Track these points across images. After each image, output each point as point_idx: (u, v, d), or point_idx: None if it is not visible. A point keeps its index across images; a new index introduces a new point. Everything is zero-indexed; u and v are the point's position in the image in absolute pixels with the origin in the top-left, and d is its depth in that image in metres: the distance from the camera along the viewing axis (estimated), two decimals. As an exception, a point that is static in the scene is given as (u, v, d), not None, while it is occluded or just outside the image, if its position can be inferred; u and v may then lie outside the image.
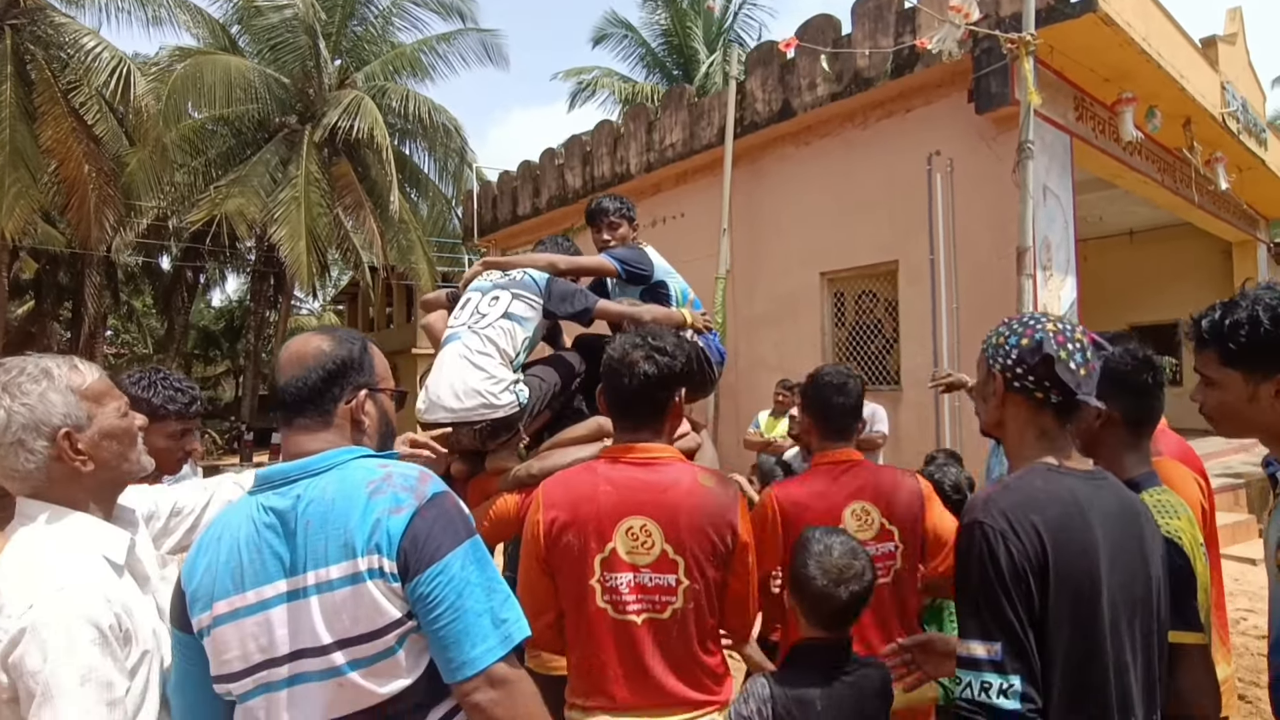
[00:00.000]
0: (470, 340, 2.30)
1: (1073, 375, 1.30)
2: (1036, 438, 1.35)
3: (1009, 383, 1.35)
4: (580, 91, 17.50)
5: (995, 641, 1.19)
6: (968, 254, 6.76)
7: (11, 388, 1.27)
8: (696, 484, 1.70)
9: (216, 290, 27.35)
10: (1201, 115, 7.96)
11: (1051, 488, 1.27)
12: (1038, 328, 1.34)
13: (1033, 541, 1.21)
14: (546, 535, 1.68)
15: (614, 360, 1.74)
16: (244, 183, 13.98)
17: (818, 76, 7.60)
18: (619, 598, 1.64)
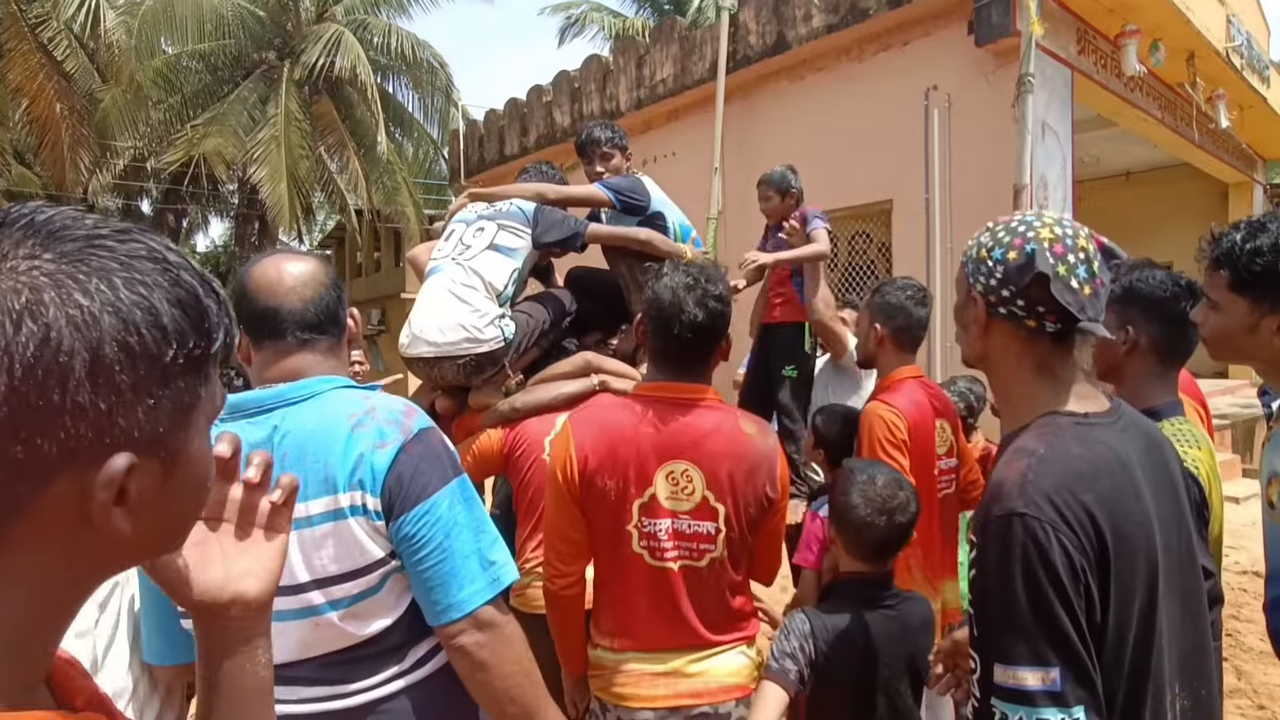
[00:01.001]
0: (454, 273, 2.23)
1: (1074, 296, 1.02)
2: (1034, 373, 1.09)
3: (992, 307, 1.08)
4: (569, 27, 16.96)
5: (1052, 667, 0.93)
6: (963, 193, 6.64)
7: None
8: (739, 430, 1.64)
9: (200, 234, 26.85)
10: (1205, 50, 7.76)
11: (1093, 451, 1.01)
12: (1029, 236, 1.05)
13: (1087, 530, 0.95)
14: (581, 475, 1.60)
15: (664, 300, 1.60)
16: (221, 121, 13.55)
17: (813, 7, 7.33)
18: (657, 544, 1.59)
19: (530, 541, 2.22)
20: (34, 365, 0.42)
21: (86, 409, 0.45)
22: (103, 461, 0.46)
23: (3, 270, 0.44)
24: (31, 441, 0.43)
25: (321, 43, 13.41)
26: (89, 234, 0.47)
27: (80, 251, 0.46)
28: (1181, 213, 12.04)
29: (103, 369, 0.45)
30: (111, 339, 0.45)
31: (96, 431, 0.46)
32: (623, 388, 2.36)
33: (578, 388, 2.32)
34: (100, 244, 0.47)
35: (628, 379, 2.40)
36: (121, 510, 0.48)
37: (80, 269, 0.45)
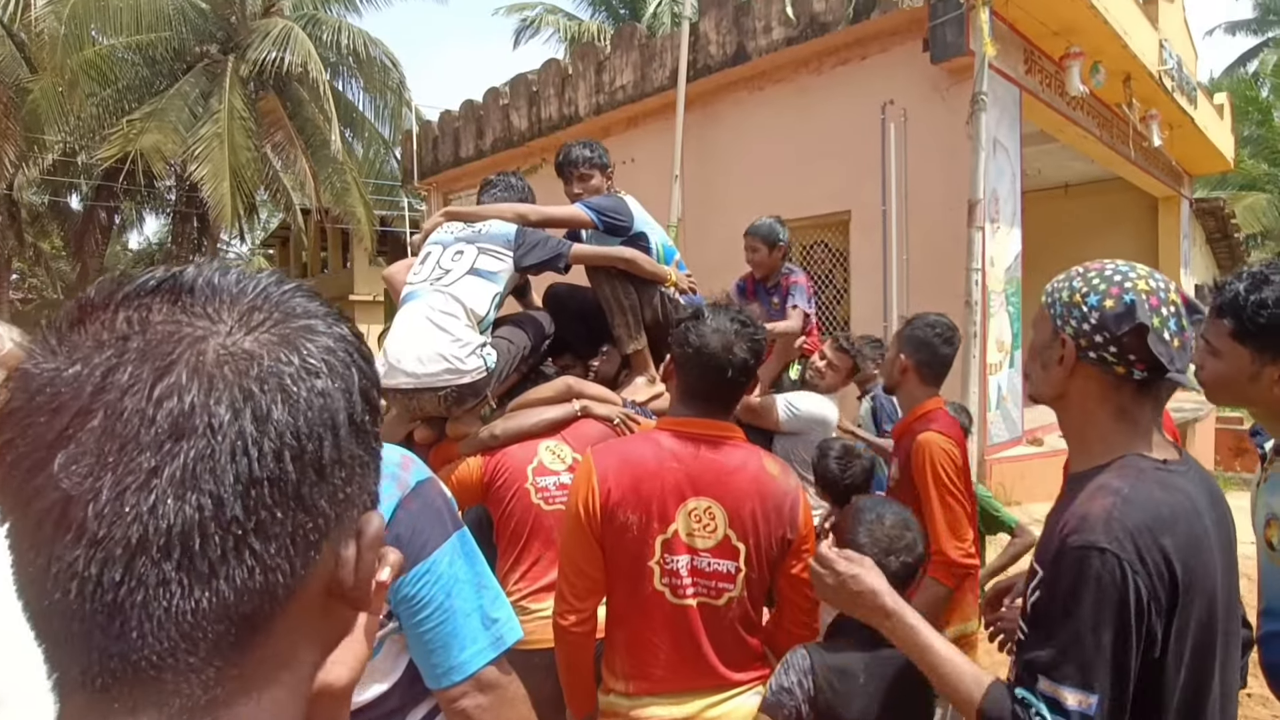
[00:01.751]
0: (434, 299, 2.15)
1: (1166, 349, 1.05)
2: (1114, 417, 1.11)
3: (1083, 351, 1.10)
4: (524, 29, 16.80)
5: (1093, 694, 0.97)
6: (919, 205, 6.80)
7: None
8: (763, 470, 1.63)
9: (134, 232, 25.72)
10: (1140, 72, 8.12)
11: (1173, 497, 1.05)
12: (1126, 286, 1.08)
13: (1162, 574, 0.99)
14: (603, 509, 1.57)
15: (712, 347, 1.59)
16: (160, 117, 12.99)
17: (773, 19, 7.42)
18: (678, 581, 1.57)
19: (513, 573, 2.17)
20: (316, 424, 0.40)
21: (353, 466, 0.43)
22: (361, 522, 0.44)
23: (256, 332, 0.40)
24: (315, 506, 0.40)
25: (270, 38, 12.99)
26: (279, 290, 0.44)
27: (290, 309, 0.43)
28: (1115, 223, 12.58)
29: (359, 419, 0.43)
30: (360, 387, 0.43)
31: (359, 489, 0.43)
32: (604, 413, 2.34)
33: (559, 413, 2.29)
34: (289, 297, 0.44)
35: (609, 404, 2.38)
36: (369, 576, 0.45)
37: (305, 321, 0.43)
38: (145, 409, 0.36)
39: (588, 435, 2.25)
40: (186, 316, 0.39)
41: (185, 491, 0.36)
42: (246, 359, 0.39)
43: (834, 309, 7.74)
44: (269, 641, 0.40)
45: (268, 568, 0.38)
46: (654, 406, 2.47)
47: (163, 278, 0.41)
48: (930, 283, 6.66)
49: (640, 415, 2.38)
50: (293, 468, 0.39)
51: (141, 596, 0.36)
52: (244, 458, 0.37)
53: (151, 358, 0.37)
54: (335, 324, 0.44)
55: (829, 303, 7.77)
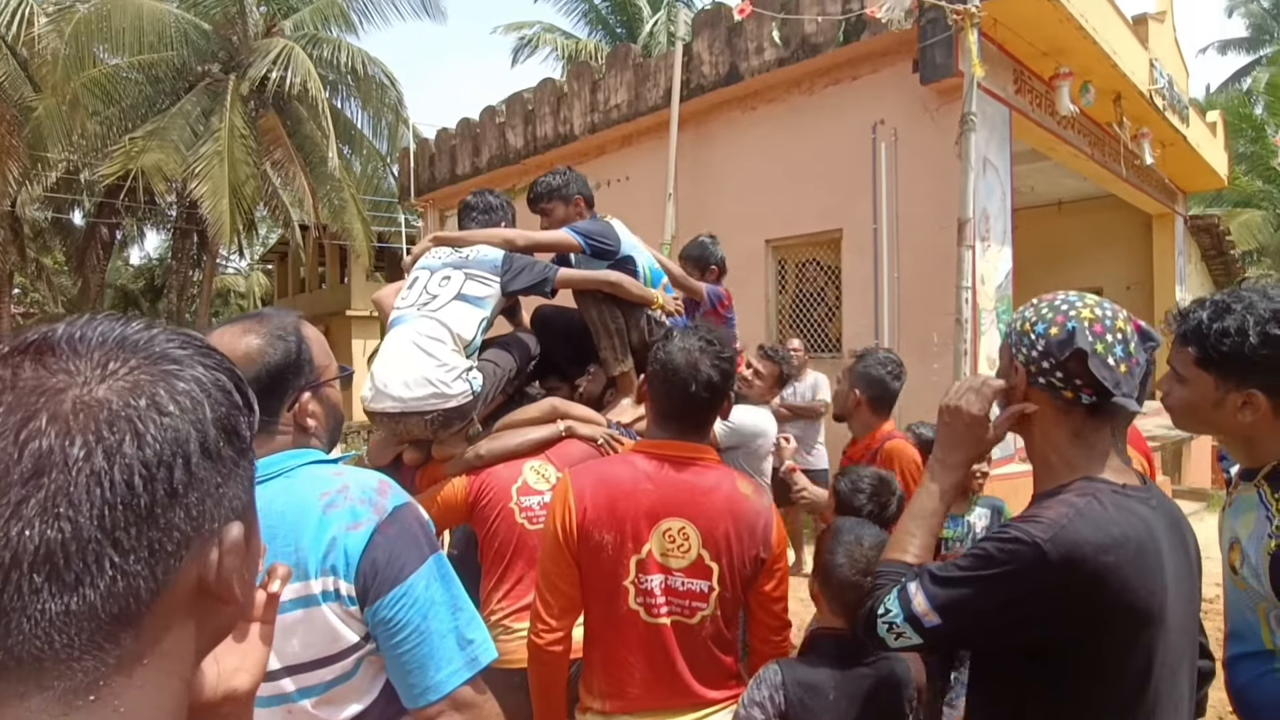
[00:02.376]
0: (421, 324, 2.18)
1: (1110, 373, 1.12)
2: (1069, 441, 1.18)
3: (1032, 377, 1.18)
4: (522, 47, 16.98)
5: (937, 620, 1.13)
6: (910, 224, 6.86)
7: None
8: (736, 490, 1.66)
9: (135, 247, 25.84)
10: (1131, 91, 8.20)
11: (1126, 520, 1.10)
12: (1070, 314, 1.15)
13: (1089, 588, 1.06)
14: (580, 528, 1.60)
15: (679, 362, 1.65)
16: (162, 135, 13.10)
17: (765, 40, 7.52)
18: (652, 600, 1.59)
19: (496, 592, 2.19)
20: (164, 454, 0.47)
21: (207, 485, 0.49)
22: (221, 532, 0.51)
23: (110, 380, 0.47)
24: (170, 522, 0.47)
25: (270, 57, 13.12)
26: (146, 337, 0.51)
27: (153, 353, 0.50)
28: (1109, 241, 12.65)
29: (211, 446, 0.50)
30: (212, 418, 0.50)
31: (215, 504, 0.50)
32: (588, 433, 2.37)
33: (544, 434, 2.32)
34: (157, 342, 0.51)
35: (593, 424, 2.41)
36: (236, 576, 0.52)
37: (164, 365, 0.50)
38: (12, 452, 0.44)
39: (572, 456, 2.28)
40: (48, 372, 0.47)
41: (48, 518, 0.43)
42: (98, 404, 0.46)
43: (826, 327, 7.79)
44: (141, 634, 0.47)
45: (128, 575, 0.46)
46: (639, 428, 2.50)
47: (34, 339, 0.49)
48: (921, 300, 6.71)
49: (625, 436, 2.41)
50: (144, 492, 0.46)
51: (19, 602, 0.43)
52: (97, 488, 0.44)
53: (18, 409, 0.45)
54: (193, 365, 0.51)
55: (820, 321, 7.81)
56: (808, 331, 7.82)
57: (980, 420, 1.28)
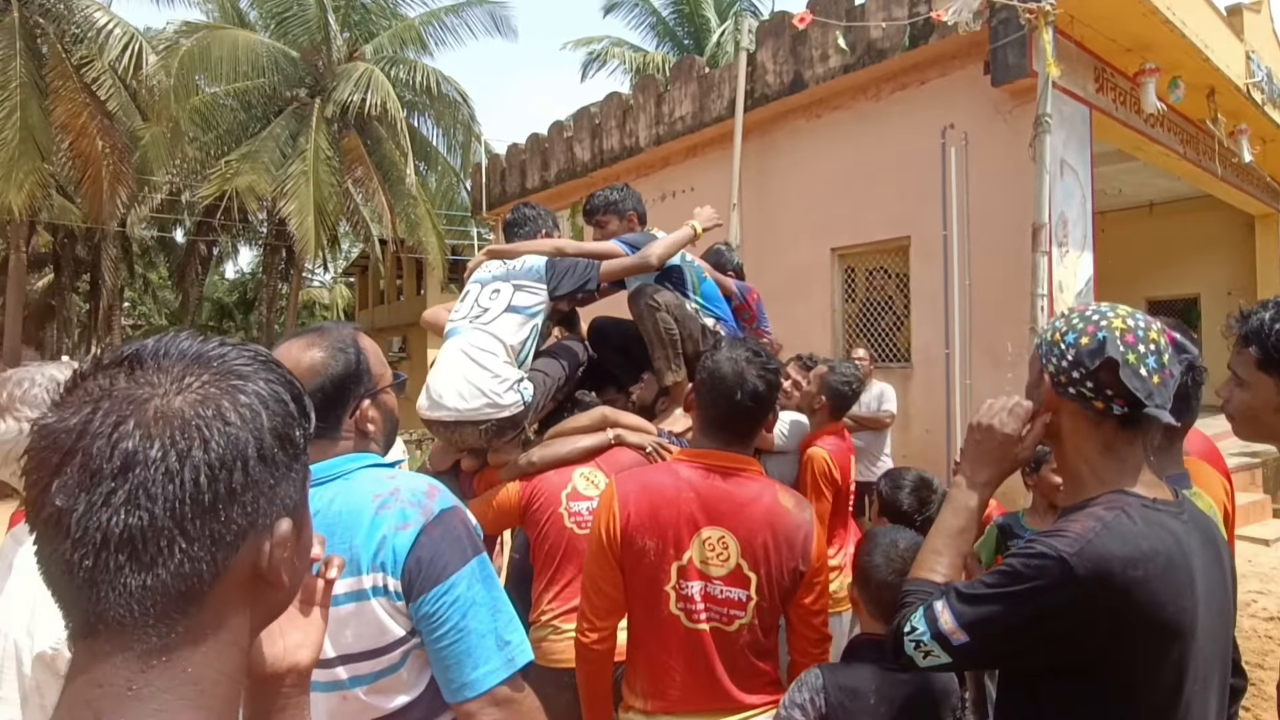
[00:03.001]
0: (474, 337, 2.28)
1: (1142, 383, 1.10)
2: (1100, 453, 1.16)
3: (1062, 388, 1.16)
4: (591, 62, 17.30)
5: (965, 638, 1.12)
6: (982, 230, 6.66)
7: (26, 399, 1.35)
8: (777, 502, 1.69)
9: (229, 262, 27.46)
10: (1226, 86, 7.74)
11: (1155, 534, 1.09)
12: (1101, 324, 1.14)
13: (1116, 602, 1.05)
14: (623, 533, 1.66)
15: (724, 373, 1.69)
16: (254, 158, 13.95)
17: (830, 48, 7.44)
18: (692, 606, 1.64)
19: (547, 594, 2.26)
20: (226, 458, 0.55)
21: (261, 486, 0.57)
22: (273, 526, 0.59)
23: (185, 393, 0.56)
24: (229, 516, 0.55)
25: (353, 81, 13.79)
26: (219, 354, 0.60)
27: (223, 369, 0.59)
28: (1206, 244, 11.91)
29: (267, 452, 0.58)
30: (268, 428, 0.58)
31: (269, 502, 0.58)
32: (637, 442, 2.41)
33: (594, 441, 2.37)
34: (228, 358, 0.60)
35: (643, 432, 2.45)
36: (285, 565, 0.60)
37: (232, 380, 0.58)
38: (106, 450, 0.53)
39: (621, 463, 2.33)
40: (136, 384, 0.56)
41: (131, 507, 0.52)
42: (174, 413, 0.55)
43: (894, 335, 7.61)
44: (204, 609, 0.56)
45: (193, 559, 0.54)
46: (690, 436, 2.54)
47: (128, 353, 0.59)
48: (994, 309, 6.49)
49: (675, 444, 2.44)
50: (208, 490, 0.54)
51: (107, 577, 0.52)
52: (170, 484, 0.53)
53: (112, 413, 0.54)
54: (256, 380, 0.60)
55: (889, 330, 7.65)
56: (875, 340, 7.67)
57: (1012, 440, 1.26)
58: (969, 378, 6.66)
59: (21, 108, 11.64)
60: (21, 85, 11.72)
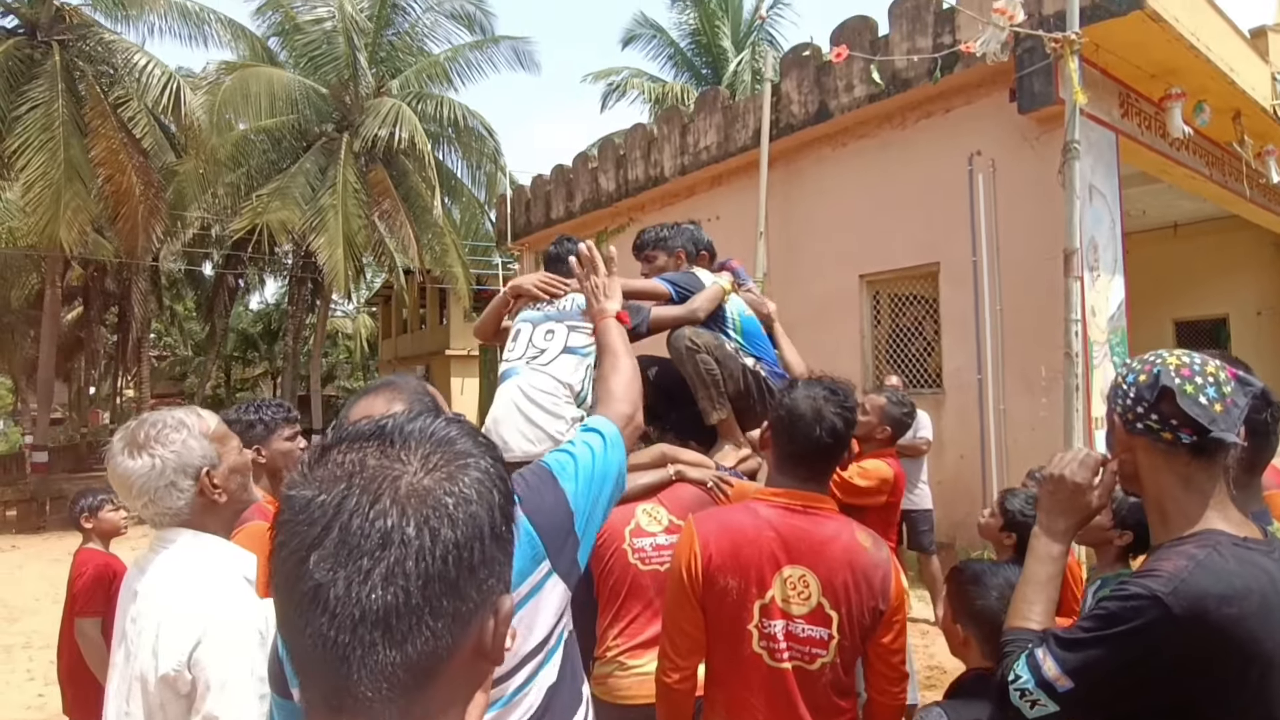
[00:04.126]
0: (533, 378, 2.33)
1: (1203, 410, 1.14)
2: (1182, 488, 1.19)
3: (1130, 424, 1.22)
4: (611, 92, 17.60)
5: (1070, 684, 1.13)
6: (1011, 255, 6.68)
7: (160, 439, 1.43)
8: (855, 541, 1.71)
9: (255, 294, 27.93)
10: (1252, 108, 7.75)
11: (1248, 572, 1.11)
12: (1157, 362, 1.21)
13: (1214, 639, 1.07)
14: (705, 573, 1.68)
15: (802, 412, 1.72)
16: (284, 193, 14.27)
17: (855, 78, 7.54)
18: (775, 645, 1.66)
19: (612, 629, 2.28)
20: (470, 536, 0.57)
21: (493, 563, 0.59)
22: (498, 602, 0.61)
23: (431, 472, 0.58)
24: (468, 594, 0.57)
25: (381, 116, 14.11)
26: (448, 433, 0.62)
27: (455, 449, 0.61)
28: (1233, 264, 11.79)
29: (498, 529, 0.60)
30: (498, 504, 0.61)
31: (497, 580, 0.60)
32: (698, 477, 2.44)
33: (655, 478, 2.41)
34: (455, 437, 0.62)
35: (703, 468, 2.48)
36: (502, 640, 0.62)
37: (464, 459, 0.61)
38: (364, 527, 0.54)
39: (682, 499, 2.37)
40: (388, 460, 0.58)
41: (388, 584, 0.53)
42: (425, 492, 0.57)
43: (924, 361, 7.61)
44: (437, 687, 0.57)
45: (437, 636, 0.55)
46: (743, 468, 2.56)
47: (371, 430, 0.61)
48: (1026, 334, 6.48)
49: (732, 477, 2.48)
50: (454, 569, 0.56)
51: (360, 652, 0.53)
52: (423, 562, 0.54)
53: (367, 491, 0.56)
54: (483, 458, 0.62)
55: (919, 355, 7.65)
56: (906, 366, 7.66)
57: (1084, 489, 1.31)
58: (1003, 403, 6.64)
59: (65, 147, 12.01)
60: (63, 124, 12.12)
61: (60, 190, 11.82)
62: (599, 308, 1.76)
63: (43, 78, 12.48)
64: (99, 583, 3.16)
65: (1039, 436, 6.33)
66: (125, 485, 1.44)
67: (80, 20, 13.43)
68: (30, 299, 19.31)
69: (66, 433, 26.57)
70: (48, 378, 14.74)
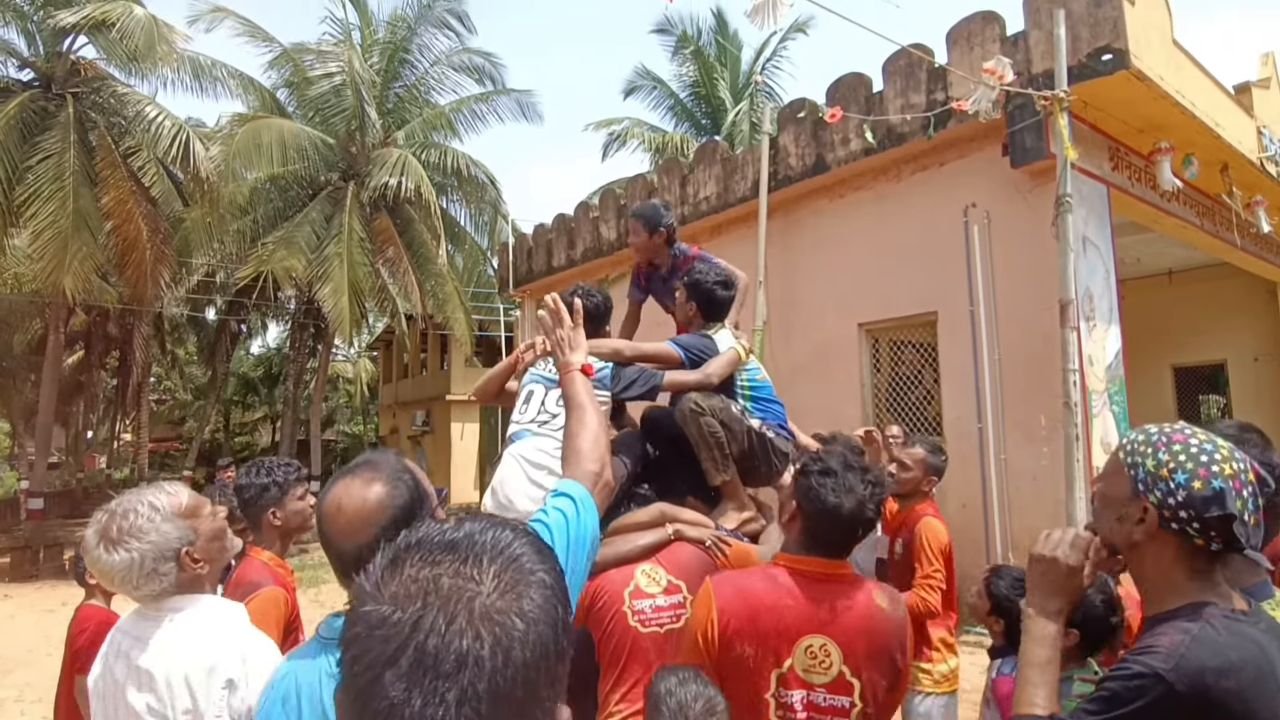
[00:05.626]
0: (541, 442, 2.34)
1: (1247, 531, 1.14)
2: (1187, 576, 1.20)
3: (1166, 522, 1.18)
4: (612, 141, 17.96)
5: None
6: (1008, 305, 6.75)
7: (134, 531, 1.47)
8: (874, 604, 1.70)
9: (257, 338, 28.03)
10: (1239, 160, 7.92)
11: (1242, 644, 1.13)
12: (1214, 470, 1.16)
13: (1214, 712, 1.09)
14: (721, 638, 1.65)
15: (838, 502, 1.67)
16: (290, 241, 14.45)
17: (850, 132, 7.72)
18: (792, 715, 1.63)
19: (614, 694, 2.25)
20: (537, 656, 0.58)
21: (556, 680, 0.60)
22: (557, 714, 0.62)
23: (502, 592, 0.59)
24: (532, 713, 0.58)
25: (387, 166, 14.38)
26: (512, 548, 0.63)
27: (521, 565, 0.62)
28: (1228, 310, 11.88)
29: (560, 646, 0.61)
30: (560, 619, 0.62)
31: (557, 694, 0.61)
32: (696, 536, 2.44)
33: (654, 539, 2.40)
34: (518, 550, 0.63)
35: (701, 527, 2.49)
36: None
37: (530, 576, 0.62)
38: (441, 648, 0.55)
39: (681, 559, 2.36)
40: (462, 580, 0.59)
41: (462, 705, 0.54)
42: (499, 614, 0.58)
43: (924, 409, 7.63)
44: None
45: None
46: (745, 531, 2.56)
47: (444, 543, 0.62)
48: (1024, 383, 6.52)
49: (731, 539, 2.48)
50: (521, 690, 0.57)
51: None
52: (496, 683, 0.55)
53: (442, 610, 0.57)
54: (547, 573, 0.63)
55: (919, 403, 7.67)
56: (906, 413, 7.68)
57: (1077, 570, 1.32)
58: (1004, 452, 6.64)
59: (75, 197, 12.20)
60: (74, 174, 12.33)
61: (68, 239, 11.96)
62: (564, 360, 1.72)
63: (56, 129, 12.74)
64: (100, 641, 3.14)
65: (1041, 486, 6.31)
66: (107, 577, 1.47)
67: (95, 74, 13.76)
68: (32, 344, 19.39)
69: (62, 477, 26.39)
70: (47, 423, 14.71)
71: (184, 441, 30.12)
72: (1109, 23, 6.00)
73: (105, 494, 16.64)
